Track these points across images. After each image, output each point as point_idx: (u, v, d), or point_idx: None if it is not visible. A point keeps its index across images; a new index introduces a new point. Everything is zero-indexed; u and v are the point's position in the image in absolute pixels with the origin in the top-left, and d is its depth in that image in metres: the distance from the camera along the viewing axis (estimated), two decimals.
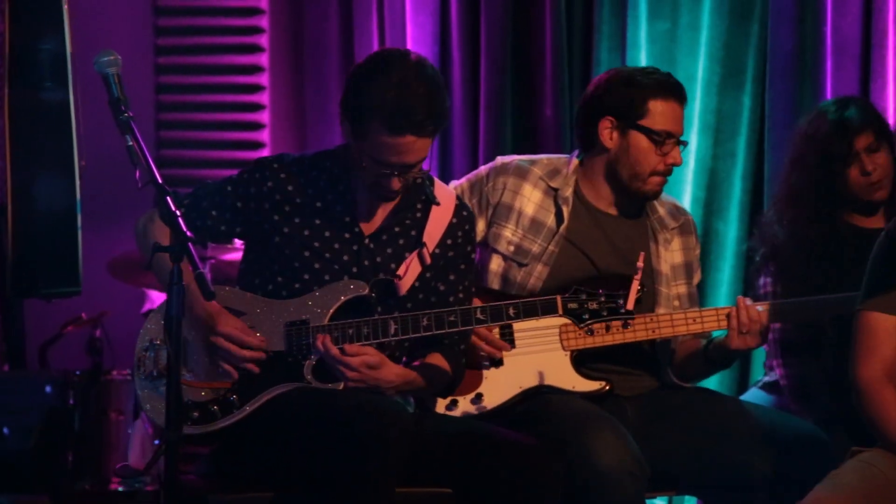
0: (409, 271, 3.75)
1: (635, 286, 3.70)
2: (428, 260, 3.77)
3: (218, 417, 3.65)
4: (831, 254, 4.26)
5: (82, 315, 5.72)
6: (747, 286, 5.01)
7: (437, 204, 3.78)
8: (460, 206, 3.86)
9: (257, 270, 3.79)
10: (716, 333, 4.05)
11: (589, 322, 3.69)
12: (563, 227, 4.05)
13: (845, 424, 4.08)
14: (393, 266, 3.76)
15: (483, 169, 4.18)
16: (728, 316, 3.93)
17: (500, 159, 4.18)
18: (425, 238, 3.78)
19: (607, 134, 4.03)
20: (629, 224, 4.12)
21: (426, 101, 3.56)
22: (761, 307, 3.93)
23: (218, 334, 3.64)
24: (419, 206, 3.81)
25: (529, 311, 3.70)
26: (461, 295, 3.83)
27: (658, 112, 3.99)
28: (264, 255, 3.77)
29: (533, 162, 4.14)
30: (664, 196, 4.16)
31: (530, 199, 4.08)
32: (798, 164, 4.34)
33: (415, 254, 3.76)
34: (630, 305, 3.68)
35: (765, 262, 4.37)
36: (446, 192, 3.86)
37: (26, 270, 3.95)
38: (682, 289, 4.16)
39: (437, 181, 3.86)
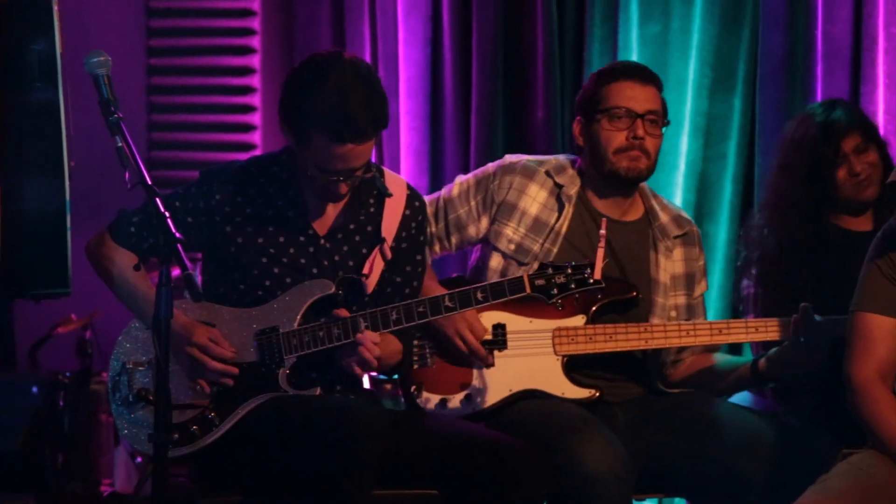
0: (374, 268, 3.76)
1: (601, 254, 3.69)
2: (389, 255, 3.77)
3: (198, 437, 3.64)
4: (818, 256, 4.26)
5: (72, 316, 5.72)
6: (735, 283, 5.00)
7: (390, 195, 3.77)
8: (412, 196, 3.85)
9: (219, 281, 3.78)
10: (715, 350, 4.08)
11: (558, 297, 3.68)
12: (564, 227, 4.05)
13: (831, 426, 4.08)
14: (352, 263, 3.75)
15: (490, 166, 4.18)
16: (782, 326, 3.94)
17: (508, 158, 4.19)
18: (384, 233, 3.78)
19: (577, 133, 4.10)
20: (629, 230, 4.12)
21: (365, 107, 3.55)
22: (819, 317, 3.89)
23: (193, 345, 3.63)
24: (372, 200, 3.80)
25: (497, 293, 3.69)
26: (416, 283, 3.84)
27: (612, 93, 4.04)
28: (223, 266, 3.76)
29: (541, 162, 4.16)
30: (670, 205, 4.17)
31: (535, 199, 4.08)
32: (786, 167, 4.34)
33: (376, 251, 3.76)
34: (597, 275, 3.66)
35: (748, 265, 4.37)
36: (397, 182, 3.85)
37: (15, 271, 3.95)
38: (681, 300, 4.16)
39: (387, 171, 3.84)
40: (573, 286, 3.67)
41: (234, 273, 3.74)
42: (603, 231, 3.74)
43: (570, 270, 3.67)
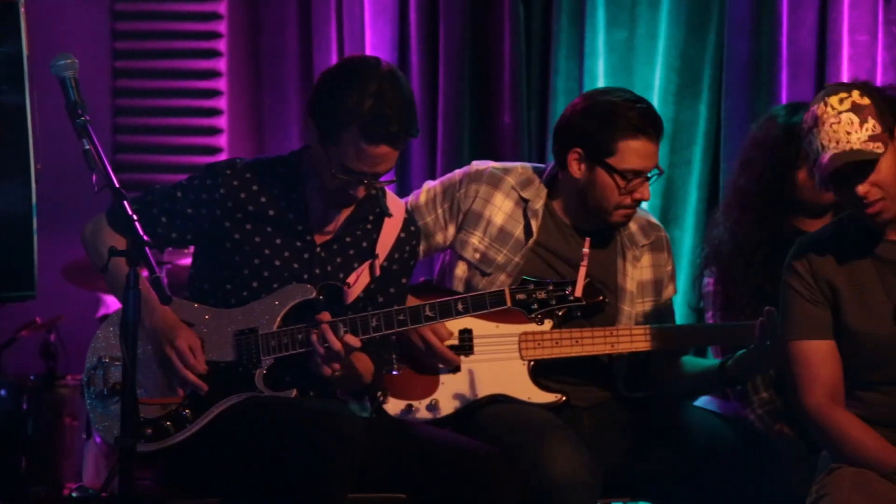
0: (359, 281, 3.76)
1: (582, 272, 3.70)
2: (378, 272, 3.77)
3: (171, 433, 3.64)
4: (775, 257, 4.27)
5: (37, 319, 5.69)
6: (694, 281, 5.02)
7: (390, 216, 3.78)
8: (409, 221, 3.87)
9: (206, 277, 3.78)
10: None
11: (538, 312, 3.69)
12: (531, 240, 4.05)
13: (795, 433, 4.10)
14: (342, 275, 3.75)
15: (457, 173, 4.17)
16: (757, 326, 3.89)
17: (474, 165, 4.16)
18: (378, 250, 3.78)
19: (575, 165, 4.00)
20: (597, 240, 4.12)
21: (402, 113, 3.57)
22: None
23: (172, 347, 3.62)
24: (371, 217, 3.80)
25: (478, 305, 3.70)
26: (396, 307, 3.81)
27: (627, 151, 3.95)
28: (214, 261, 3.75)
29: (507, 170, 4.12)
30: (638, 211, 4.14)
31: (500, 209, 4.07)
32: (746, 167, 4.35)
33: (367, 265, 3.76)
34: (578, 293, 3.68)
35: (707, 262, 4.38)
36: (397, 204, 3.86)
37: None
38: (649, 306, 4.17)
39: (389, 192, 3.86)
40: (554, 302, 3.69)
41: (224, 271, 3.73)
42: (586, 250, 3.72)
43: (551, 287, 3.69)
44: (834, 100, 3.43)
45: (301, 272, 3.73)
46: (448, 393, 3.99)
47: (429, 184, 4.17)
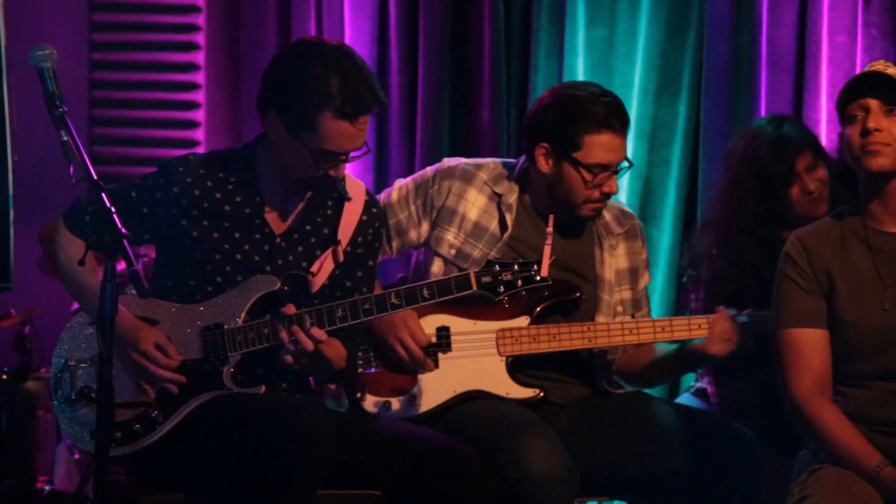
0: (323, 268, 3.74)
1: (547, 251, 3.69)
2: (341, 258, 3.76)
3: (141, 436, 3.61)
4: (769, 275, 4.27)
5: (11, 311, 5.67)
6: (679, 298, 5.02)
7: (349, 200, 3.76)
8: (370, 202, 3.85)
9: (169, 274, 3.76)
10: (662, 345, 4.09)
11: (504, 294, 3.67)
12: (506, 234, 4.05)
13: (778, 441, 4.10)
14: (305, 264, 3.74)
15: (429, 170, 4.16)
16: (710, 322, 3.96)
17: (446, 161, 4.16)
18: (339, 236, 3.76)
19: (543, 160, 4.00)
20: (573, 230, 4.12)
21: (368, 83, 3.58)
22: (745, 317, 3.98)
23: (140, 352, 3.60)
24: (330, 203, 3.79)
25: (443, 290, 3.67)
26: (365, 289, 3.82)
27: (593, 145, 3.94)
28: (175, 258, 3.73)
29: (479, 166, 4.12)
30: (611, 201, 4.14)
31: (474, 204, 4.07)
32: (736, 186, 4.33)
33: (329, 251, 3.75)
34: (544, 272, 3.66)
35: (696, 284, 4.38)
36: (357, 187, 3.84)
37: None
38: (626, 294, 4.17)
39: (348, 175, 3.83)
40: (520, 283, 3.66)
41: (186, 268, 3.71)
42: (550, 229, 3.73)
43: (517, 267, 3.66)
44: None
45: (263, 264, 3.71)
46: (426, 389, 3.98)
47: (400, 181, 4.17)
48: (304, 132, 3.57)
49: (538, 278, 3.66)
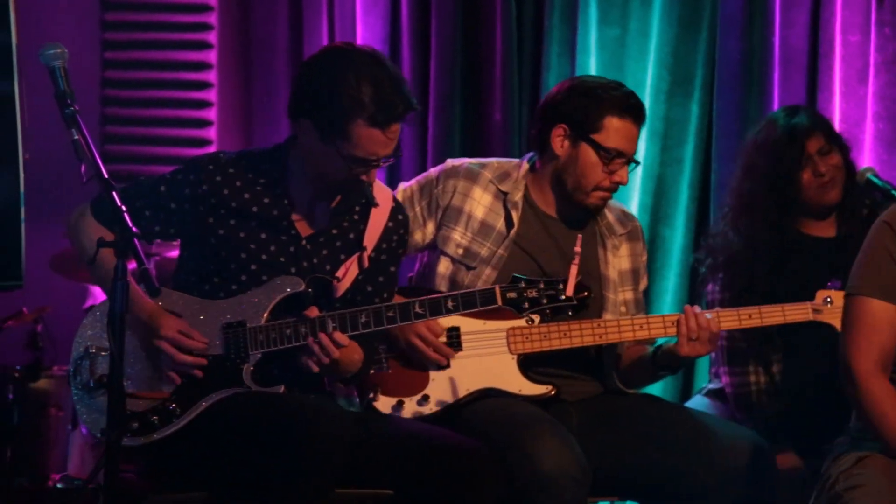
0: (348, 274, 3.75)
1: (573, 271, 3.71)
2: (366, 264, 3.76)
3: (157, 428, 3.61)
4: (779, 262, 4.28)
5: (24, 310, 5.68)
6: (693, 295, 5.02)
7: (377, 206, 3.76)
8: (396, 209, 3.86)
9: (193, 269, 3.76)
10: (661, 340, 4.07)
11: (529, 311, 3.68)
12: (512, 231, 4.05)
13: (791, 434, 4.10)
14: (329, 267, 3.74)
15: (433, 171, 4.17)
16: (677, 322, 3.94)
17: (450, 162, 4.17)
18: (365, 242, 3.77)
19: (559, 141, 4.03)
20: (577, 230, 4.12)
21: (401, 89, 3.58)
22: (710, 314, 3.94)
23: (161, 338, 3.60)
24: (357, 208, 3.79)
25: (468, 303, 3.69)
26: (386, 295, 3.83)
27: (612, 129, 3.99)
28: (200, 255, 3.74)
29: (483, 165, 4.13)
30: (613, 202, 4.17)
31: (480, 203, 4.08)
32: (750, 171, 4.37)
33: (355, 257, 3.75)
34: (570, 291, 3.68)
35: (713, 271, 4.38)
36: (384, 193, 3.85)
37: None
38: (629, 294, 4.17)
39: (377, 181, 3.83)
40: (545, 301, 3.67)
41: (211, 265, 3.71)
42: (578, 248, 3.75)
43: (542, 285, 3.68)
44: None
45: (288, 266, 3.71)
46: (438, 388, 3.98)
47: (404, 184, 4.18)
48: (338, 139, 3.57)
49: (563, 298, 3.66)
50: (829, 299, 3.91)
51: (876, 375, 3.37)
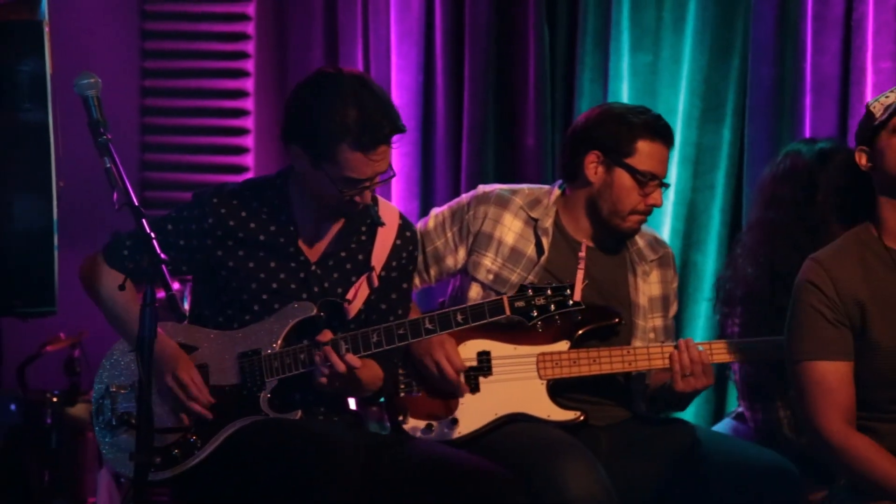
0: (358, 295, 3.77)
1: (580, 276, 3.74)
2: (376, 283, 3.78)
3: (180, 461, 3.65)
4: None
5: (61, 335, 5.73)
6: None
7: (383, 225, 3.78)
8: (404, 226, 3.88)
9: (206, 303, 3.80)
10: None
11: (537, 318, 3.69)
12: (543, 258, 4.07)
13: (816, 464, 4.08)
14: (340, 290, 3.76)
15: (464, 197, 4.20)
16: (670, 358, 3.93)
17: (481, 188, 4.20)
18: (373, 262, 3.79)
19: (592, 168, 4.06)
20: (608, 256, 4.14)
21: (386, 112, 3.60)
22: (702, 347, 3.94)
23: (174, 379, 3.64)
24: (364, 228, 3.81)
25: (477, 315, 3.70)
26: (400, 312, 3.85)
27: (645, 153, 4.03)
28: (212, 288, 3.77)
29: (514, 191, 4.16)
30: (645, 228, 4.18)
31: (510, 229, 4.10)
32: (773, 201, 4.33)
33: (363, 278, 3.77)
34: (577, 297, 3.69)
35: (730, 306, 4.36)
36: (390, 212, 3.87)
37: (2, 289, 3.97)
38: (658, 321, 4.18)
39: (381, 200, 3.86)
40: (553, 308, 3.68)
41: (223, 297, 3.75)
42: (582, 254, 3.79)
43: (549, 292, 3.69)
44: None
45: (299, 292, 3.74)
46: (467, 412, 4.00)
47: (436, 210, 4.21)
48: (325, 163, 3.60)
49: (571, 303, 3.68)
50: None
51: (848, 432, 3.36)
